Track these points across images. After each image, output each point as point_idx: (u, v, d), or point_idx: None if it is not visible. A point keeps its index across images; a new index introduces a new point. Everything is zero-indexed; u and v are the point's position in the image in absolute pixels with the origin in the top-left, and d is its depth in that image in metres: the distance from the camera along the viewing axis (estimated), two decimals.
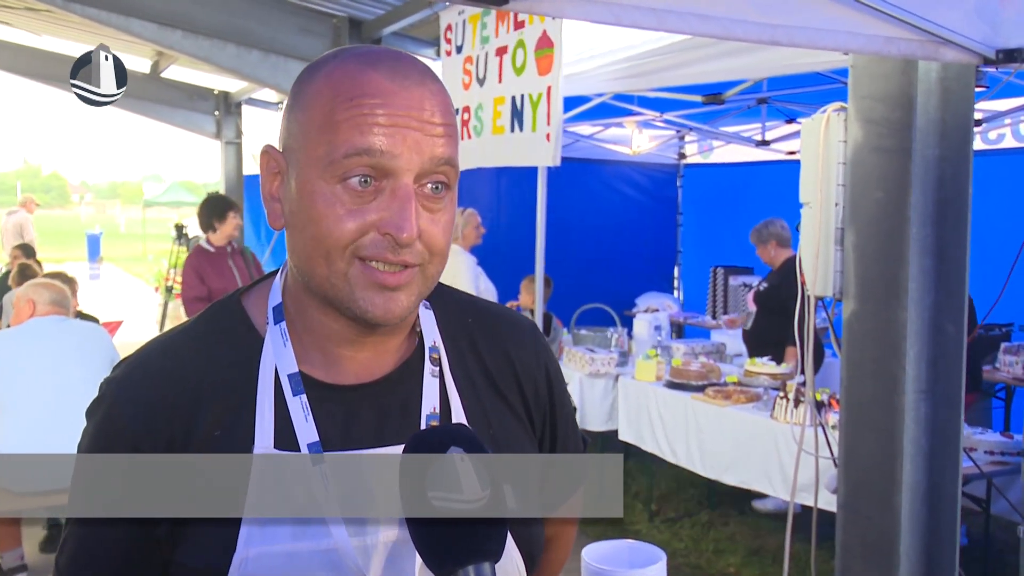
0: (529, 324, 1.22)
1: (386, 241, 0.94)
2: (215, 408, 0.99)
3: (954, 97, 2.80)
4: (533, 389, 1.16)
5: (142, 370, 1.03)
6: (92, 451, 1.02)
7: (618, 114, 6.71)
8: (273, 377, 1.01)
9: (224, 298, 1.10)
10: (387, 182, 0.94)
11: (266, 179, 1.02)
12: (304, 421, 0.99)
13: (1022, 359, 5.41)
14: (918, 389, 2.86)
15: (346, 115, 0.93)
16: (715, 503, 5.75)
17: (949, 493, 2.90)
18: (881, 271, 2.90)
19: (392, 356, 1.06)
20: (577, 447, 1.25)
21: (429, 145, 0.94)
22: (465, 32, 4.82)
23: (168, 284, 11.10)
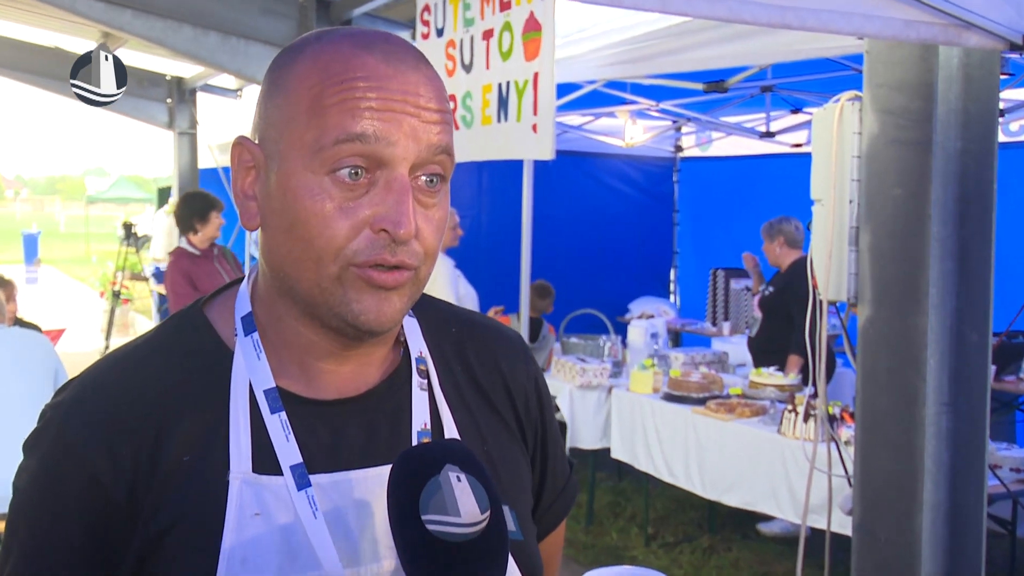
0: (517, 336, 1.23)
1: (381, 239, 0.92)
2: (183, 430, 0.96)
3: (977, 85, 2.83)
4: (524, 404, 1.16)
5: (96, 390, 0.99)
6: (39, 488, 0.97)
7: (610, 103, 6.73)
8: (247, 394, 0.98)
9: (184, 309, 1.08)
10: (381, 173, 0.92)
11: (239, 174, 1.00)
12: (285, 441, 0.96)
13: None
14: (939, 402, 2.88)
15: (336, 98, 0.91)
16: (716, 526, 5.78)
17: (974, 514, 2.93)
18: (899, 274, 2.92)
19: (377, 369, 1.05)
20: (564, 470, 1.25)
21: (425, 132, 0.93)
22: (446, 13, 4.82)
23: (115, 288, 11.03)
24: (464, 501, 0.86)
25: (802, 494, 4.24)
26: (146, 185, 27.04)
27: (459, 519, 0.85)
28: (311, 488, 0.96)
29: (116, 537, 0.95)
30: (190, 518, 0.94)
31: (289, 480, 0.95)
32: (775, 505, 4.56)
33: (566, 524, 1.29)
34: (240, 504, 0.94)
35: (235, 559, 0.93)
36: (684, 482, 5.17)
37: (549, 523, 1.22)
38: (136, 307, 14.57)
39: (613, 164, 9.21)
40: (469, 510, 0.85)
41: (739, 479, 4.79)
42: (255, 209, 0.99)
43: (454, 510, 0.85)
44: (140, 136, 64.99)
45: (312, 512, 0.94)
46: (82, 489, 0.94)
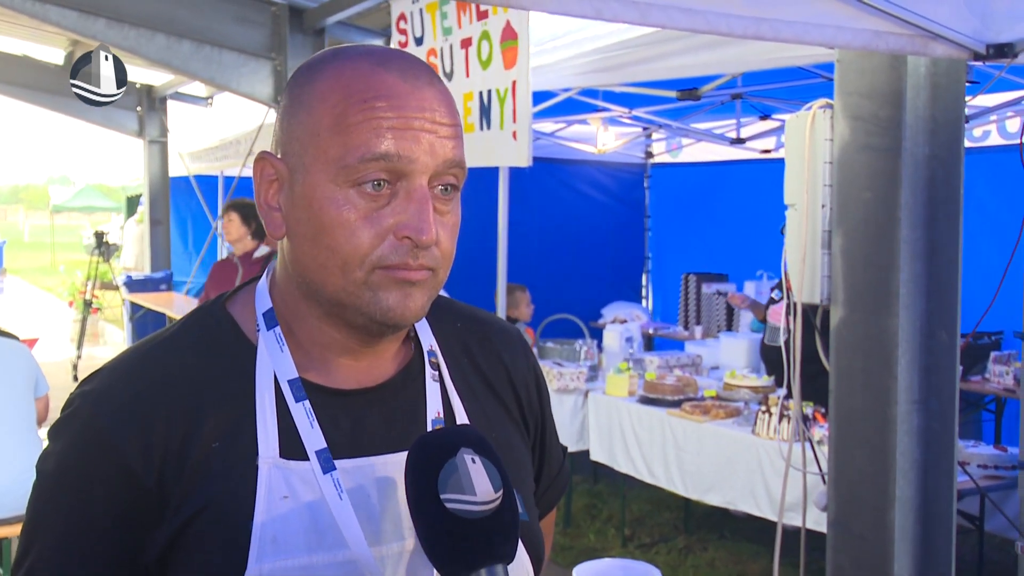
0: (516, 330, 1.31)
1: (405, 246, 0.98)
2: (211, 419, 1.01)
3: (944, 93, 2.93)
4: (527, 394, 1.23)
5: (125, 379, 1.04)
6: (67, 473, 1.01)
7: (582, 110, 6.81)
8: (272, 384, 1.04)
9: (206, 304, 1.13)
10: (402, 184, 0.99)
11: (262, 187, 1.05)
12: (310, 428, 1.02)
13: (1013, 369, 5.59)
14: (910, 400, 2.98)
15: (360, 117, 0.97)
16: (692, 527, 5.86)
17: (944, 509, 3.02)
18: (871, 276, 3.01)
19: (391, 362, 1.11)
20: (559, 457, 1.35)
21: (442, 147, 0.99)
22: (423, 22, 4.88)
23: (86, 298, 10.95)
24: (479, 481, 0.92)
25: (778, 492, 4.32)
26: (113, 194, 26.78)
27: (475, 497, 0.91)
28: (336, 472, 1.02)
29: (145, 522, 0.99)
30: (222, 500, 0.99)
31: (315, 464, 1.01)
32: (753, 503, 4.65)
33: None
34: (269, 487, 1.00)
35: (266, 538, 0.98)
36: (664, 482, 5.25)
37: (545, 506, 1.31)
38: (106, 316, 14.48)
39: (585, 171, 9.29)
40: (484, 489, 0.92)
41: (717, 479, 4.87)
42: (280, 219, 1.04)
43: (470, 489, 0.91)
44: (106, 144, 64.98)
45: (338, 494, 1.00)
46: (111, 475, 0.99)
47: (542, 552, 1.17)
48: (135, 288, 10.02)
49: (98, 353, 12.30)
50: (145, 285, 10.11)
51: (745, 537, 5.68)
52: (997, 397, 5.92)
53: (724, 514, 5.78)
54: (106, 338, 13.92)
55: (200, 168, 10.33)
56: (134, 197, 14.42)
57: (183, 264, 11.15)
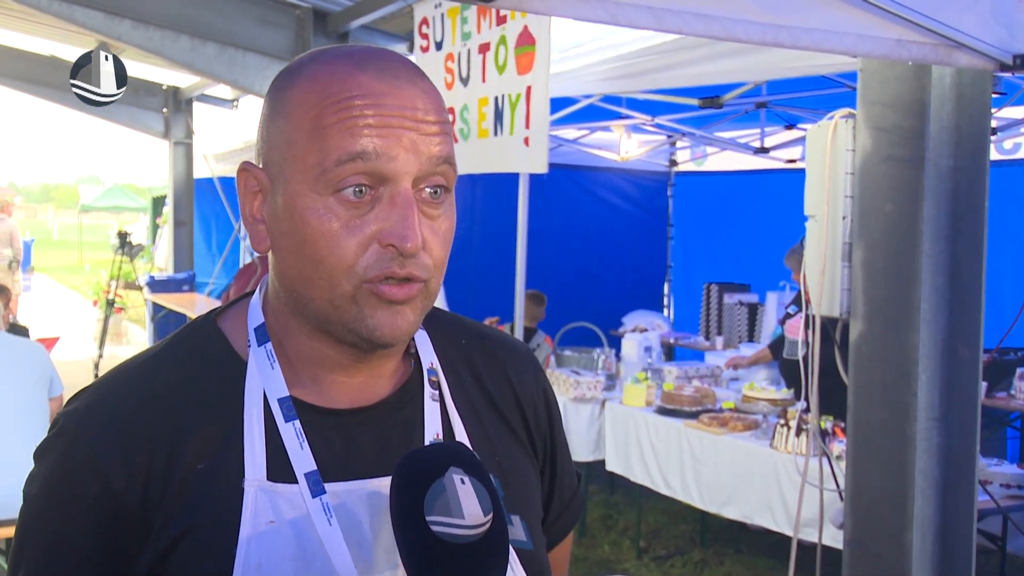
0: (524, 347, 1.24)
1: (389, 254, 0.93)
2: (197, 439, 0.97)
3: (969, 104, 2.87)
4: (534, 415, 1.17)
5: (110, 399, 1.01)
6: (51, 495, 0.98)
7: (605, 117, 6.77)
8: (261, 402, 1.00)
9: (196, 320, 1.09)
10: (384, 189, 0.94)
11: (246, 199, 1.01)
12: (299, 449, 0.98)
13: None
14: (930, 417, 2.91)
15: (335, 119, 0.93)
16: (708, 540, 5.79)
17: (964, 529, 2.95)
18: (891, 290, 2.95)
19: (388, 380, 1.06)
20: (572, 482, 1.27)
21: (425, 144, 0.94)
22: (444, 27, 4.86)
23: (109, 297, 11.02)
24: (467, 503, 0.87)
25: (795, 507, 4.26)
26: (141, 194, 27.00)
27: (462, 521, 0.87)
28: (326, 495, 0.97)
29: (128, 545, 0.96)
30: (205, 525, 0.95)
31: (304, 487, 0.96)
32: (770, 518, 4.59)
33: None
34: (255, 511, 0.95)
35: (250, 566, 0.94)
36: (681, 494, 5.19)
37: (557, 534, 1.23)
38: (129, 316, 14.57)
39: (608, 178, 9.24)
40: (472, 512, 0.87)
41: (734, 492, 4.81)
42: (264, 232, 1.01)
43: (458, 512, 0.87)
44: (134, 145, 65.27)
45: (327, 519, 0.96)
46: (95, 497, 0.96)
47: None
48: (157, 289, 10.08)
49: (120, 352, 12.38)
50: (167, 286, 10.17)
51: (761, 552, 5.61)
52: (1022, 414, 5.82)
53: (741, 528, 5.71)
54: (129, 337, 14.01)
55: (224, 170, 10.37)
56: (160, 198, 14.51)
57: (206, 265, 11.20)
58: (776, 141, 7.17)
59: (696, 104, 5.35)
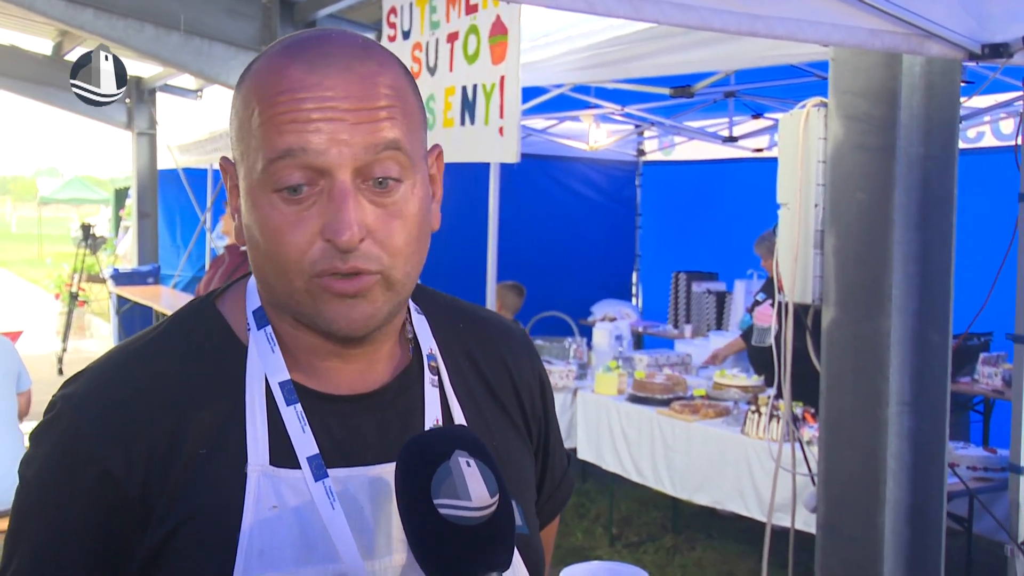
0: (520, 331, 1.25)
1: (332, 248, 0.92)
2: (198, 423, 0.97)
3: (939, 93, 2.91)
4: (530, 399, 1.18)
5: (110, 381, 1.00)
6: (49, 479, 0.97)
7: (574, 106, 6.78)
8: (263, 386, 0.99)
9: (195, 302, 1.08)
10: (324, 183, 0.92)
11: (229, 193, 1.03)
12: (301, 432, 0.97)
13: (1002, 370, 5.58)
14: (901, 402, 2.96)
15: (267, 115, 0.93)
16: (680, 526, 5.84)
17: (934, 512, 3.00)
18: (863, 277, 2.99)
19: (386, 365, 1.06)
20: (563, 463, 1.28)
21: (361, 133, 0.92)
22: (412, 16, 4.84)
23: (72, 291, 10.88)
24: (474, 485, 0.88)
25: (766, 492, 4.31)
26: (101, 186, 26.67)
27: (470, 503, 0.87)
28: (328, 480, 0.97)
29: (128, 530, 0.95)
30: (207, 511, 0.95)
31: (307, 472, 0.96)
32: (742, 504, 4.64)
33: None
34: (258, 496, 0.95)
35: (253, 551, 0.94)
36: (653, 482, 5.23)
37: (547, 516, 1.25)
38: (93, 309, 14.39)
39: (576, 168, 9.26)
40: (479, 494, 0.88)
41: (706, 479, 4.86)
42: (240, 225, 1.02)
43: (465, 494, 0.87)
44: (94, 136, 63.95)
45: (330, 503, 0.96)
46: (94, 482, 0.95)
47: (542, 567, 1.12)
48: (122, 281, 9.96)
49: (84, 346, 12.24)
50: (132, 278, 10.05)
51: (732, 537, 5.67)
52: (986, 398, 5.92)
53: (711, 513, 5.77)
54: (92, 331, 13.84)
55: (189, 161, 10.27)
56: (123, 190, 14.33)
57: (171, 258, 11.09)
58: (744, 130, 7.22)
59: (666, 93, 5.38)
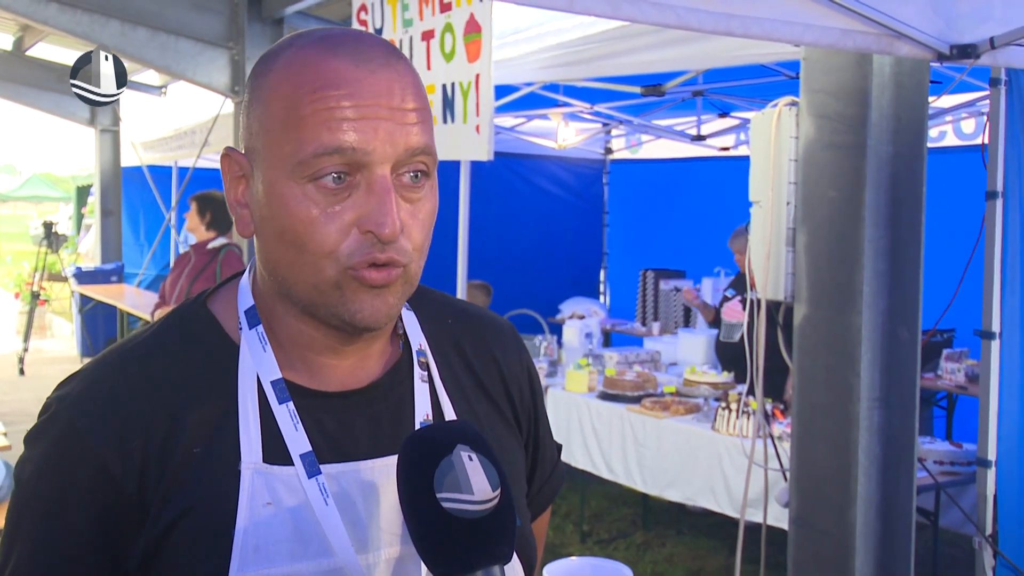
0: (509, 325, 1.26)
1: (369, 240, 0.94)
2: (192, 422, 0.98)
3: (908, 93, 2.96)
4: (519, 393, 1.19)
5: (105, 382, 1.01)
6: (46, 479, 0.98)
7: (544, 104, 6.79)
8: (255, 385, 1.00)
9: (187, 303, 1.09)
10: (361, 175, 0.94)
11: (230, 185, 1.02)
12: (294, 430, 0.99)
13: (964, 366, 5.68)
14: (871, 397, 3.00)
15: (311, 109, 0.93)
16: (651, 523, 5.88)
17: (904, 505, 3.05)
18: (834, 274, 3.03)
19: (377, 361, 1.07)
20: (553, 456, 1.30)
21: (403, 135, 0.94)
22: (384, 13, 4.83)
23: (33, 289, 10.73)
24: (476, 479, 0.88)
25: (737, 488, 4.35)
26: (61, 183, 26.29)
27: (472, 496, 0.88)
28: (321, 476, 0.98)
29: (125, 528, 0.96)
30: (202, 508, 0.96)
31: (300, 468, 0.98)
32: (712, 499, 4.67)
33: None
34: (252, 493, 0.97)
35: (248, 547, 0.95)
36: (623, 478, 5.26)
37: (537, 507, 1.27)
38: (54, 308, 14.21)
39: (544, 166, 9.28)
40: (481, 487, 0.88)
41: (677, 475, 4.89)
42: (248, 217, 1.01)
43: (467, 488, 0.88)
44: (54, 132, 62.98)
45: (323, 499, 0.97)
46: (92, 480, 0.96)
47: (534, 558, 1.13)
48: (85, 280, 9.85)
49: (45, 346, 12.07)
50: (95, 277, 9.93)
51: (703, 533, 5.72)
52: (949, 394, 6.02)
53: (681, 509, 5.81)
54: (54, 331, 13.66)
55: (153, 158, 10.16)
56: (85, 187, 14.16)
57: (135, 256, 10.97)
58: (711, 129, 7.27)
59: (637, 92, 5.40)
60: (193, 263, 5.85)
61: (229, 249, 5.70)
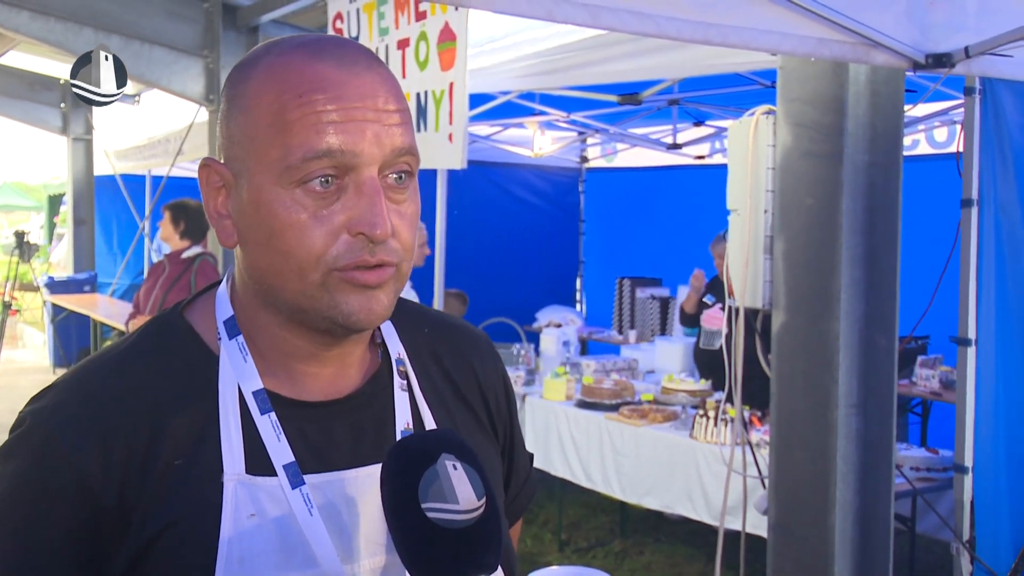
0: (483, 335, 1.27)
1: (360, 242, 0.94)
2: (173, 434, 0.96)
3: (884, 101, 2.98)
4: (495, 401, 1.20)
5: (82, 394, 0.98)
6: (21, 496, 0.95)
7: (520, 113, 6.80)
8: (236, 395, 0.99)
9: (163, 313, 1.08)
10: (350, 178, 0.94)
11: (209, 196, 1.01)
12: (276, 441, 0.98)
13: (939, 373, 5.71)
14: (849, 404, 3.01)
15: (297, 113, 0.93)
16: (628, 531, 5.88)
17: (882, 511, 3.06)
18: (812, 281, 3.04)
19: (357, 370, 1.07)
20: (526, 465, 1.31)
21: (388, 136, 0.94)
22: (360, 22, 4.82)
23: (5, 299, 10.61)
24: (461, 489, 0.88)
25: (715, 496, 4.36)
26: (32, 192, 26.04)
27: (458, 506, 0.87)
28: (305, 486, 0.97)
29: (105, 543, 0.94)
30: (185, 521, 0.94)
31: (283, 479, 0.97)
32: (690, 507, 4.68)
33: None
34: (235, 505, 0.95)
35: (232, 560, 0.94)
36: (601, 486, 5.25)
37: (512, 515, 1.27)
38: (25, 319, 14.05)
39: (520, 174, 9.29)
40: (466, 497, 0.88)
41: (655, 483, 4.89)
42: (231, 227, 1.00)
43: (452, 498, 0.87)
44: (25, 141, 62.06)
45: (308, 510, 0.96)
46: (70, 495, 0.93)
47: (515, 564, 1.13)
48: (57, 290, 9.75)
49: (17, 356, 11.93)
50: (68, 287, 9.84)
51: (680, 540, 5.72)
52: (923, 400, 6.05)
53: (659, 517, 5.82)
54: (25, 341, 13.51)
55: (127, 167, 10.08)
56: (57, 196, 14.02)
57: (108, 265, 10.87)
58: (687, 138, 7.29)
59: (614, 100, 5.42)
60: (168, 273, 5.80)
61: (203, 258, 5.65)
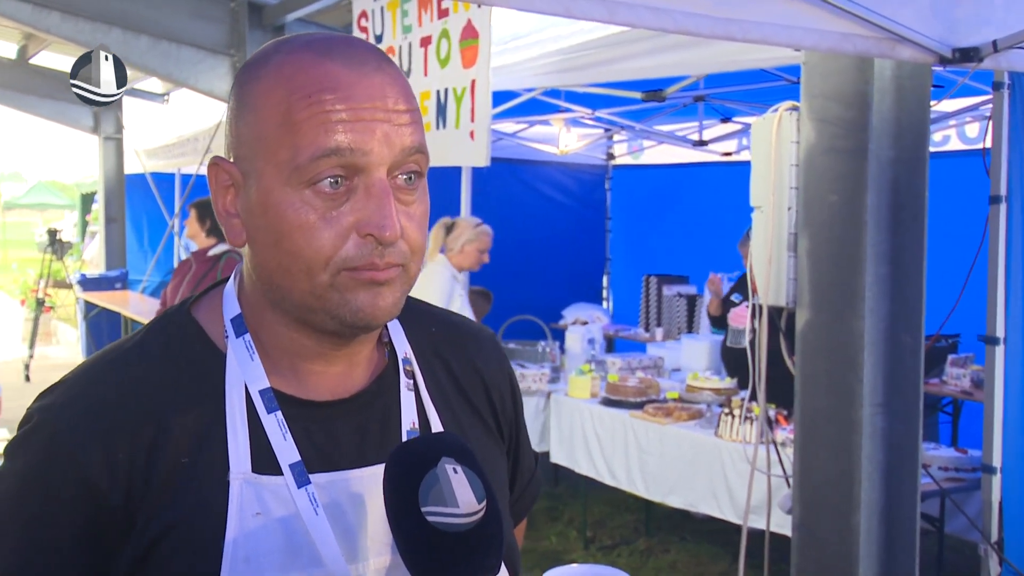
0: (490, 335, 1.26)
1: (369, 244, 0.93)
2: (179, 432, 0.96)
3: (909, 96, 2.93)
4: (500, 400, 1.19)
5: (88, 392, 0.98)
6: (27, 493, 0.95)
7: (545, 110, 6.78)
8: (243, 394, 0.99)
9: (170, 311, 1.07)
10: (359, 179, 0.93)
11: (218, 194, 1.00)
12: (283, 440, 0.98)
13: (970, 372, 5.63)
14: (874, 403, 2.97)
15: (306, 113, 0.92)
16: (653, 529, 5.85)
17: (908, 512, 3.02)
18: (836, 279, 3.01)
19: (363, 370, 1.06)
20: (531, 465, 1.30)
21: (398, 136, 0.94)
22: (384, 20, 4.82)
23: (38, 296, 10.73)
24: (462, 492, 0.88)
25: (740, 494, 4.32)
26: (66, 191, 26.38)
27: (458, 510, 0.87)
28: (311, 486, 0.97)
29: (110, 541, 0.94)
30: (191, 520, 0.94)
31: (289, 479, 0.97)
32: (715, 506, 4.64)
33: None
34: (241, 504, 0.95)
35: (238, 559, 0.94)
36: (626, 484, 5.23)
37: (516, 515, 1.27)
38: (59, 315, 14.21)
39: (546, 171, 9.26)
40: (467, 501, 0.88)
41: (679, 481, 4.86)
42: (239, 226, 1.00)
43: (452, 501, 0.87)
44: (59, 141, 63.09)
45: (313, 509, 0.96)
46: (76, 493, 0.94)
47: (519, 565, 1.13)
48: (89, 287, 9.84)
49: (51, 353, 12.08)
50: (100, 284, 9.93)
51: (705, 539, 5.68)
52: (954, 399, 5.97)
53: (684, 516, 5.78)
54: (59, 337, 13.66)
55: (156, 165, 10.16)
56: (89, 194, 14.17)
57: (139, 263, 10.97)
58: (713, 134, 7.24)
59: (638, 97, 5.39)
60: (194, 270, 5.83)
61: (230, 256, 5.68)
